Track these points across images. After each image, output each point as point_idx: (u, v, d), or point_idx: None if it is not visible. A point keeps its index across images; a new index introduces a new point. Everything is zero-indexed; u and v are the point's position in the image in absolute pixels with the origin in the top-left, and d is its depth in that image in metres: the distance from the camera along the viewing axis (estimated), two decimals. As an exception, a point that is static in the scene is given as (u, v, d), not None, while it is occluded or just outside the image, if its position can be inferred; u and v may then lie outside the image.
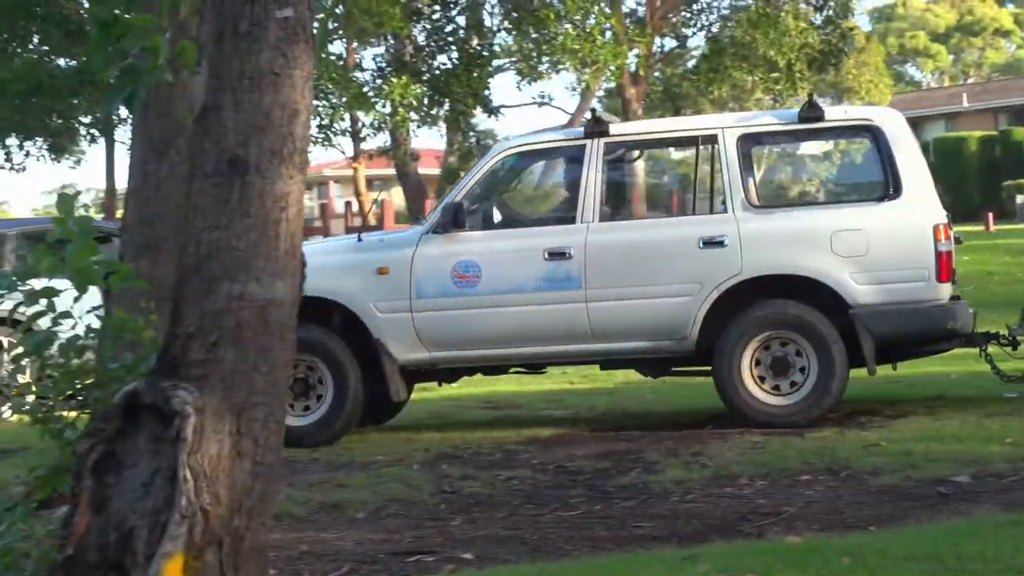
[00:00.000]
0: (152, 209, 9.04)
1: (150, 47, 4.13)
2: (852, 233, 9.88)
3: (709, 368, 10.12)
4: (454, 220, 10.12)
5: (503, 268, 10.17)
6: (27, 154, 35.41)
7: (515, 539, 7.02)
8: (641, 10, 35.13)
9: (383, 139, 34.73)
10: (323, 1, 25.09)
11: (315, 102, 26.55)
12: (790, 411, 9.82)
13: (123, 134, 35.91)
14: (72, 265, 4.53)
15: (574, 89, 40.91)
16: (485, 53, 32.82)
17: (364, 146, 37.35)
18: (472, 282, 10.15)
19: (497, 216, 10.67)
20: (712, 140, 10.36)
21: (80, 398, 4.69)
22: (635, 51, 33.75)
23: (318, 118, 31.11)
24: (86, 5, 30.58)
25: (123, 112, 28.20)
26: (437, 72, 32.63)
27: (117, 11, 4.15)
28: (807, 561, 5.39)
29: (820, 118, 10.30)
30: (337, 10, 30.30)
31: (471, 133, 37.21)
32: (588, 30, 30.19)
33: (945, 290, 9.88)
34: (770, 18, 31.75)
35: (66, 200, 4.67)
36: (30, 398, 4.78)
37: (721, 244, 9.94)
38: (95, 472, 4.04)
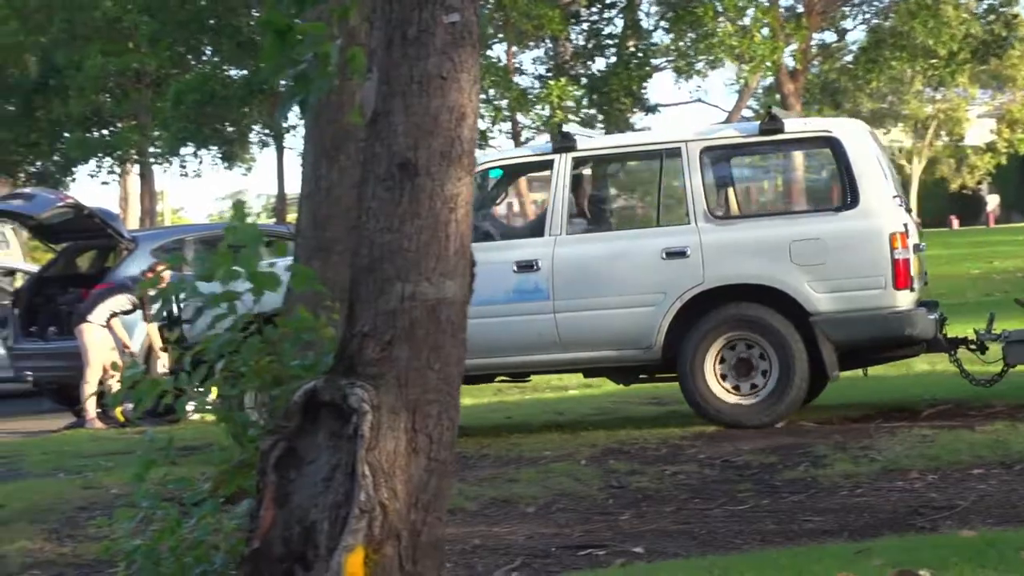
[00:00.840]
0: (324, 213, 9.17)
1: (321, 54, 4.19)
2: (810, 242, 9.93)
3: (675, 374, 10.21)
4: None
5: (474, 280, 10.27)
6: (201, 162, 36.19)
7: (684, 533, 6.98)
8: (799, 6, 34.73)
9: (543, 140, 34.83)
10: (484, 6, 25.11)
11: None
12: (752, 410, 9.91)
13: (292, 141, 36.51)
14: (247, 269, 4.61)
15: (733, 86, 40.59)
16: (642, 53, 32.70)
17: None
18: None
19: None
20: (676, 153, 10.36)
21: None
22: (792, 46, 33.35)
23: (480, 120, 31.29)
24: (255, 15, 31.18)
25: (293, 119, 28.65)
26: (595, 73, 32.63)
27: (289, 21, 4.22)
28: (983, 555, 5.28)
29: (780, 130, 10.31)
30: (496, 14, 30.43)
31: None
32: (746, 27, 29.94)
33: (903, 297, 9.85)
34: (929, 9, 31.14)
35: (240, 207, 4.76)
36: (211, 396, 4.87)
37: (683, 255, 10.01)
38: (278, 468, 4.11)
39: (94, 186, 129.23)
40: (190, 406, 4.88)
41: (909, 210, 10.54)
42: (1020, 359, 10.08)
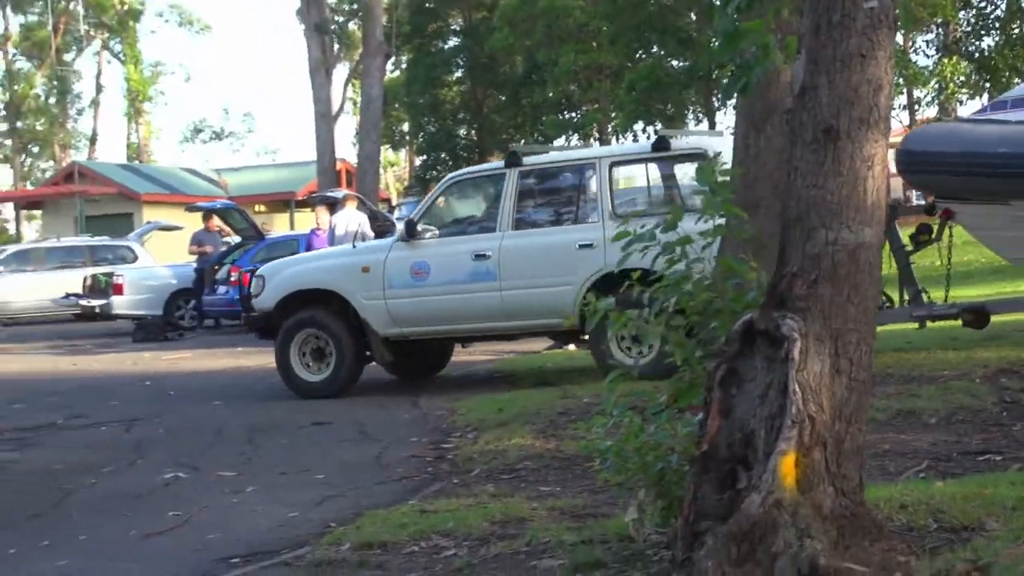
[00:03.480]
0: (752, 174, 8.96)
1: (761, 45, 4.13)
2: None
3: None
4: (410, 232, 10.99)
5: (444, 266, 10.88)
6: (648, 136, 36.36)
7: (1076, 444, 6.44)
8: None
9: (934, 111, 33.14)
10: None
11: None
12: (647, 365, 9.57)
13: (721, 117, 36.16)
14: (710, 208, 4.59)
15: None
16: (1025, 32, 30.54)
17: (918, 116, 35.72)
18: (424, 277, 10.94)
19: (441, 228, 11.15)
20: (592, 167, 10.85)
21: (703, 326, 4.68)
22: None
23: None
24: (694, 17, 31.02)
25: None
26: (982, 52, 30.79)
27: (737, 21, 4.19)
28: None
29: (667, 148, 10.69)
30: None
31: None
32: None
33: None
34: None
35: (707, 169, 4.75)
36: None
37: (591, 246, 10.40)
38: (722, 385, 4.05)
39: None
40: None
41: None
42: None
